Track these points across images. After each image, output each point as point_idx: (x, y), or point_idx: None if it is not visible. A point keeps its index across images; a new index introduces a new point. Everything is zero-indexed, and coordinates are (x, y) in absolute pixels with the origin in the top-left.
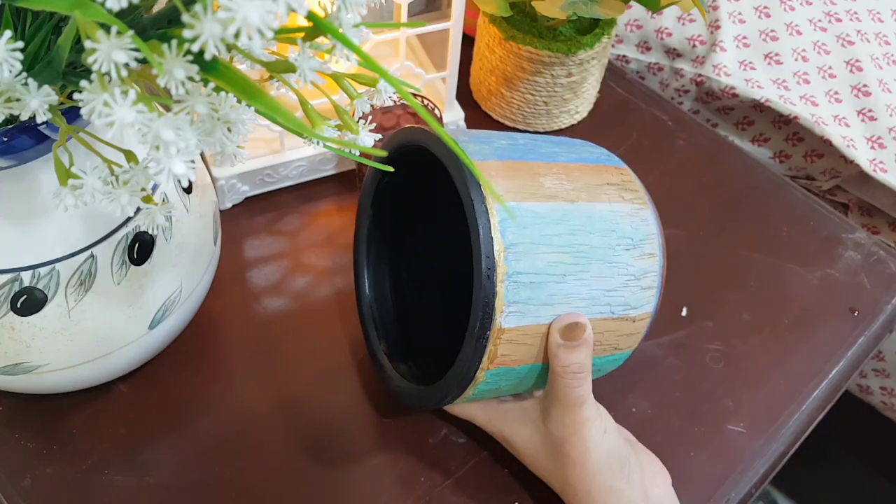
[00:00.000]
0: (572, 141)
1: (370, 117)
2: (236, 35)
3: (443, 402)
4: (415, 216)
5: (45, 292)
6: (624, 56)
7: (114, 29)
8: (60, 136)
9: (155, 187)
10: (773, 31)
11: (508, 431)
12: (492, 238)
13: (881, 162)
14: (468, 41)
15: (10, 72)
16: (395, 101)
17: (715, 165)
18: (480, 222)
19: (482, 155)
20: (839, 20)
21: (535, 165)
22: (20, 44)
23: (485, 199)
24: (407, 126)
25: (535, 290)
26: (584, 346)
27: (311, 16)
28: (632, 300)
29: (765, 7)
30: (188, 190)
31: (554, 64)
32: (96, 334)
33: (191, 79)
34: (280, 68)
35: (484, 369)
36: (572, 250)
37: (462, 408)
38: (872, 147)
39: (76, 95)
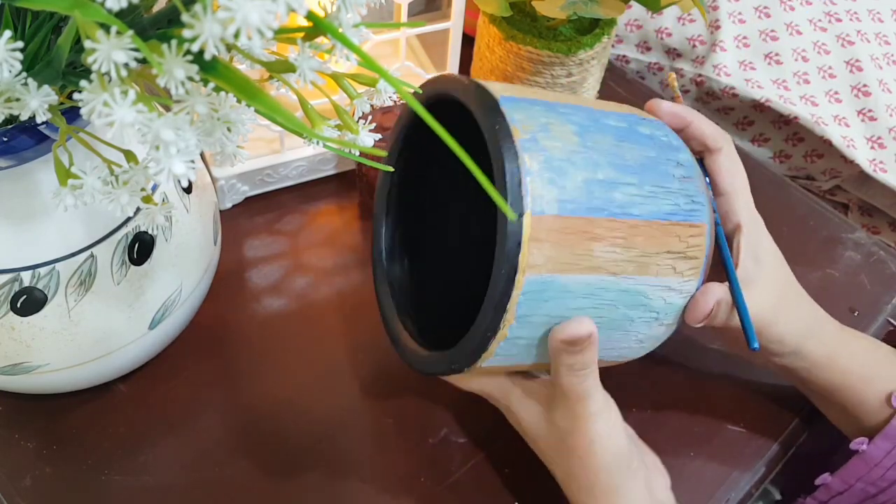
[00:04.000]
0: (669, 146)
1: (370, 117)
2: (236, 35)
3: (454, 370)
4: (437, 173)
5: (45, 292)
6: (624, 56)
7: (114, 29)
8: (60, 136)
9: (155, 187)
10: (773, 31)
11: (518, 407)
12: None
13: (881, 162)
14: (468, 41)
15: (10, 72)
16: (395, 101)
17: None
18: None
19: (539, 205)
20: (839, 20)
21: (594, 224)
22: (20, 44)
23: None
24: (444, 76)
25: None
26: (589, 348)
27: (310, 16)
28: (632, 353)
29: (765, 7)
30: (188, 190)
31: (554, 64)
32: (96, 334)
33: (191, 79)
34: (280, 68)
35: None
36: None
37: (469, 378)
38: (872, 147)
39: (76, 95)
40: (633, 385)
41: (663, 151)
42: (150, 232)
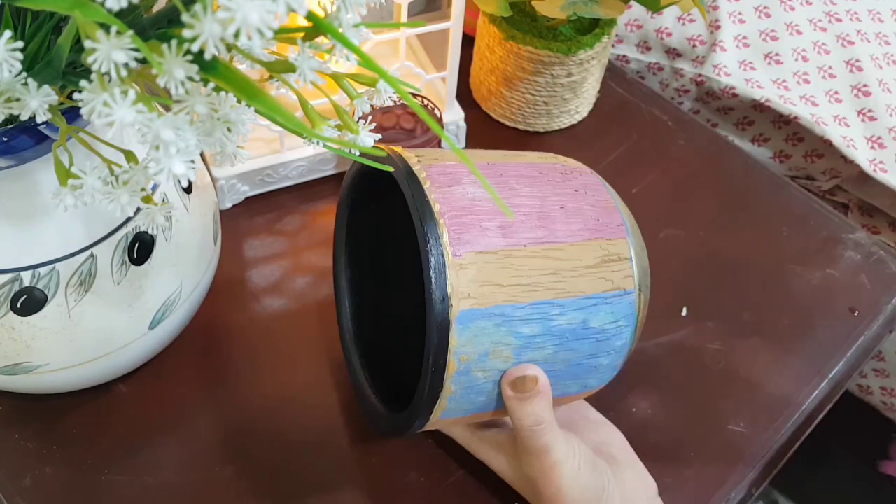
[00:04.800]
0: (615, 334)
1: (370, 117)
2: (236, 35)
3: (410, 430)
4: (393, 215)
5: (45, 292)
6: (624, 56)
7: (114, 29)
8: (60, 136)
9: (155, 187)
10: (773, 31)
11: (486, 457)
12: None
13: (881, 162)
14: (468, 41)
15: (10, 72)
16: (395, 101)
17: (715, 165)
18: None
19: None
20: (839, 20)
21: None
22: (20, 44)
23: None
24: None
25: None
26: (539, 397)
27: (310, 16)
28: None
29: (765, 7)
30: (188, 190)
31: (554, 64)
32: (96, 334)
33: (191, 79)
34: (280, 68)
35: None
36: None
37: (444, 426)
38: (872, 147)
39: (76, 95)
40: (632, 385)
41: (601, 345)
42: (150, 232)
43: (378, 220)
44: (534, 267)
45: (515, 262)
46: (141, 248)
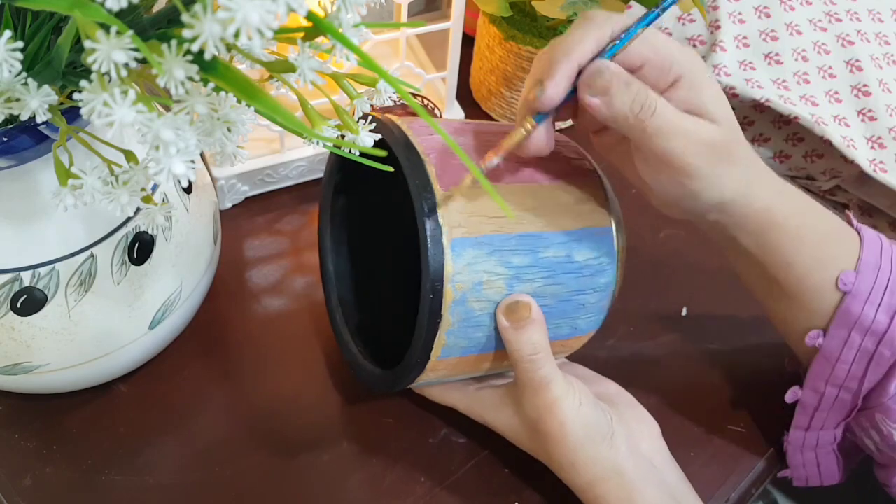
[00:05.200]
0: (599, 270)
1: (370, 117)
2: (236, 35)
3: (412, 371)
4: (376, 196)
5: (45, 292)
6: None
7: (113, 29)
8: (60, 136)
9: (155, 187)
10: (773, 31)
11: (489, 417)
12: (442, 272)
13: (881, 162)
14: (468, 41)
15: (10, 72)
16: (395, 101)
17: None
18: (433, 254)
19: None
20: (839, 20)
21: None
22: (20, 44)
23: (438, 221)
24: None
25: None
26: (533, 325)
27: (310, 16)
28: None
29: (765, 7)
30: (188, 190)
31: None
32: (96, 334)
33: (191, 79)
34: (280, 68)
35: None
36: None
37: (442, 395)
38: (872, 147)
39: (76, 95)
40: (632, 385)
41: (586, 281)
42: (150, 232)
43: (360, 205)
44: (516, 202)
45: (500, 193)
46: (141, 248)
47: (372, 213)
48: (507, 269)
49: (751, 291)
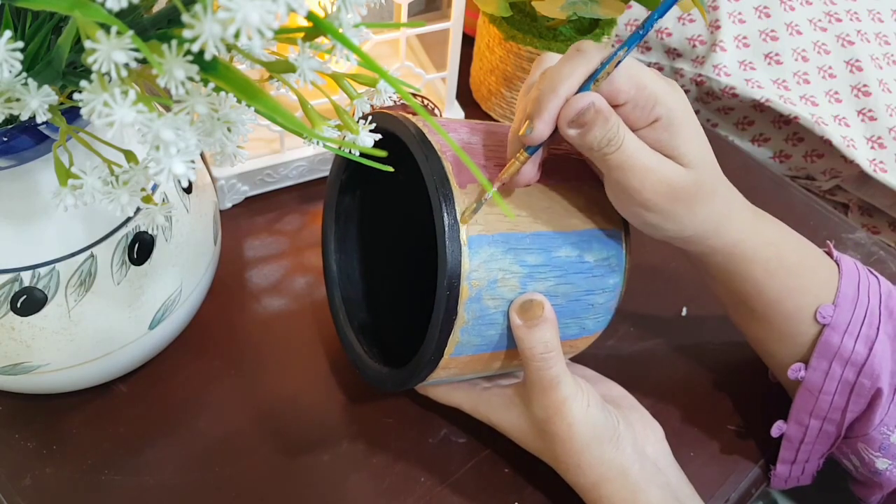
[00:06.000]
0: (609, 269)
1: (370, 117)
2: (236, 35)
3: (424, 366)
4: (381, 196)
5: (45, 292)
6: None
7: (114, 29)
8: (60, 136)
9: (155, 187)
10: (773, 31)
11: (495, 417)
12: (460, 263)
13: (881, 162)
14: (468, 41)
15: (10, 72)
16: (395, 101)
17: None
18: (451, 249)
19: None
20: (839, 20)
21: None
22: (20, 44)
23: (455, 214)
24: (381, 111)
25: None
26: (545, 324)
27: (311, 16)
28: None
29: (765, 7)
30: (188, 190)
31: None
32: (96, 334)
33: (191, 79)
34: (280, 68)
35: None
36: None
37: (447, 395)
38: (872, 147)
39: (76, 95)
40: (632, 385)
41: (596, 282)
42: (150, 232)
43: (365, 205)
44: (530, 201)
45: (513, 194)
46: (141, 248)
47: (376, 214)
48: (522, 267)
49: (730, 316)
